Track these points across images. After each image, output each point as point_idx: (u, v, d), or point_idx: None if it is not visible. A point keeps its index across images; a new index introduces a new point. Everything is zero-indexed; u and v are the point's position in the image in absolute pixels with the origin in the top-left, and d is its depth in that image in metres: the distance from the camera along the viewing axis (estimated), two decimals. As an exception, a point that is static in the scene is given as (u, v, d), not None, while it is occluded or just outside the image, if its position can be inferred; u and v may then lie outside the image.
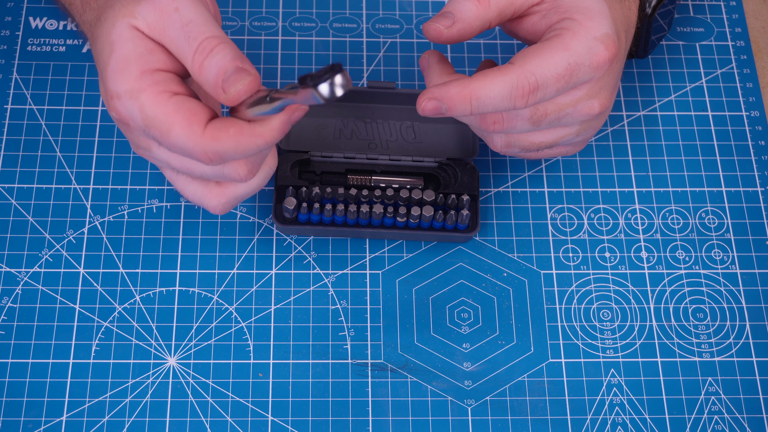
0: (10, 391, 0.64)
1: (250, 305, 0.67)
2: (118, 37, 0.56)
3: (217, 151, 0.55)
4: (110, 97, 0.56)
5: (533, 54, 0.59)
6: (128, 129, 0.58)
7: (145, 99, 0.55)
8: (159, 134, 0.55)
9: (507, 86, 0.58)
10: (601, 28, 0.60)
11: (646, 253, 0.69)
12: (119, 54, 0.56)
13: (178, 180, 0.61)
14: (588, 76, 0.60)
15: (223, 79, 0.54)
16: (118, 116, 0.57)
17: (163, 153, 0.58)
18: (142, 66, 0.56)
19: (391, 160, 0.69)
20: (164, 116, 0.55)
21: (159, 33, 0.56)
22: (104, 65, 0.57)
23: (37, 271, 0.67)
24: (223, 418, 0.63)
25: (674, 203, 0.71)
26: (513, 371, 0.65)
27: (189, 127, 0.55)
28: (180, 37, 0.55)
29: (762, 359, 0.66)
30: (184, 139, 0.55)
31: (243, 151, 0.55)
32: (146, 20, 0.56)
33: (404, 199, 0.67)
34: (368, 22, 0.78)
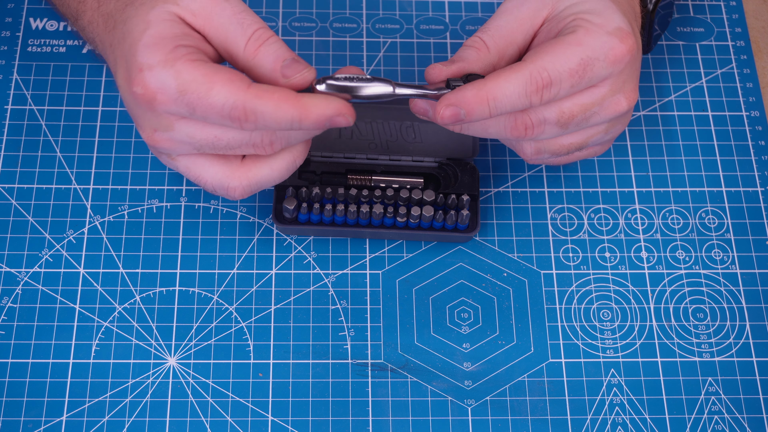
0: (10, 391, 0.64)
1: (250, 305, 0.67)
2: (156, 18, 0.56)
3: (257, 109, 0.55)
4: (138, 70, 0.55)
5: (545, 50, 0.59)
6: (152, 105, 0.56)
7: (181, 65, 0.55)
8: (197, 96, 0.55)
9: (521, 83, 0.58)
10: (613, 22, 0.60)
11: (646, 253, 0.69)
12: (154, 31, 0.56)
13: (197, 164, 0.60)
14: (606, 72, 0.59)
15: (282, 65, 0.56)
16: (143, 90, 0.56)
17: (188, 127, 0.57)
18: (177, 42, 0.56)
19: (391, 160, 0.69)
20: (203, 77, 0.55)
21: (203, 20, 0.57)
22: (134, 42, 0.56)
23: (37, 271, 0.67)
24: (223, 418, 0.63)
25: (674, 203, 0.71)
26: (513, 371, 0.65)
27: (231, 83, 0.55)
28: (232, 24, 0.57)
29: (762, 359, 0.66)
30: (226, 93, 0.54)
31: (281, 119, 0.55)
32: (189, 8, 0.57)
33: (404, 199, 0.67)
34: (368, 22, 0.78)
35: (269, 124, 0.56)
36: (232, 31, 0.57)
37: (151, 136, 0.58)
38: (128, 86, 0.57)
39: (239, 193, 0.60)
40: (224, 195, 0.61)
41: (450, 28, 0.78)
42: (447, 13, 0.79)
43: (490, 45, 0.62)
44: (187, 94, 0.55)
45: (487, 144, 0.73)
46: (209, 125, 0.57)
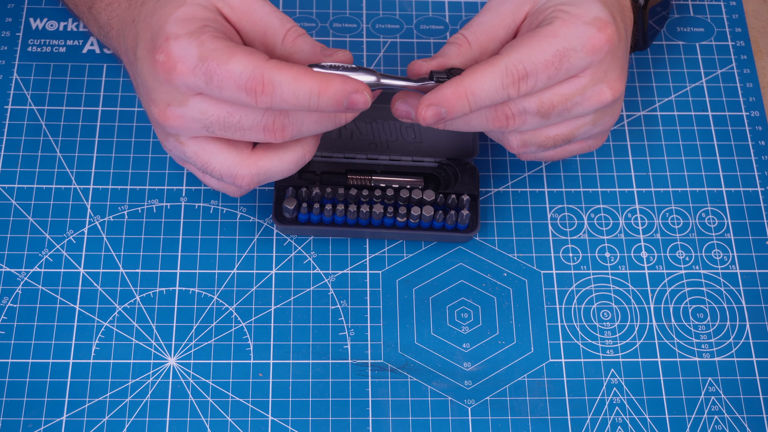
0: (10, 391, 0.64)
1: (250, 305, 0.67)
2: (193, 1, 0.58)
3: (275, 79, 0.55)
4: (165, 39, 0.56)
5: (521, 42, 0.59)
6: (171, 74, 0.56)
7: (207, 37, 0.56)
8: (216, 63, 0.55)
9: (497, 76, 0.58)
10: (591, 12, 0.60)
11: (646, 253, 0.69)
12: (188, 9, 0.57)
13: (206, 149, 0.60)
14: (584, 62, 0.59)
15: (320, 50, 0.59)
16: (166, 58, 0.56)
17: (201, 102, 0.57)
18: (207, 23, 0.57)
19: (391, 160, 0.69)
20: (225, 47, 0.56)
21: (241, 14, 0.59)
22: (165, 15, 0.57)
23: (37, 271, 0.67)
24: (223, 418, 0.63)
25: (674, 203, 0.71)
26: (513, 371, 0.65)
27: (252, 54, 0.56)
28: (271, 18, 0.59)
29: (762, 359, 0.66)
30: (245, 62, 0.55)
31: (299, 92, 0.55)
32: (229, 2, 0.59)
33: (404, 199, 0.67)
34: (368, 22, 0.78)
35: (287, 98, 0.56)
36: (272, 24, 0.59)
37: (164, 111, 0.58)
38: (150, 55, 0.57)
39: (247, 182, 0.60)
40: (231, 183, 0.61)
41: (450, 28, 0.78)
42: (447, 13, 0.79)
43: (471, 41, 0.62)
44: (207, 61, 0.55)
45: (488, 144, 0.73)
46: (222, 102, 0.57)
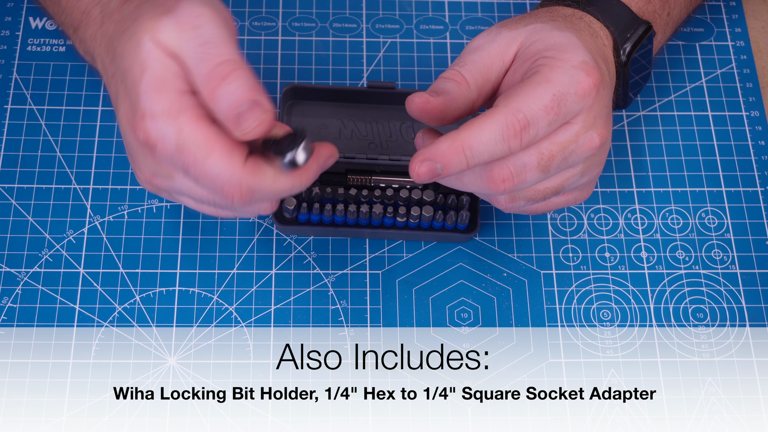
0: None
1: (250, 305, 0.67)
2: (149, 56, 0.54)
3: (253, 187, 0.54)
4: (141, 117, 0.53)
5: (516, 92, 0.57)
6: (152, 153, 0.54)
7: (185, 121, 0.53)
8: (193, 160, 0.53)
9: (497, 128, 0.55)
10: (577, 56, 0.58)
11: (646, 253, 0.69)
12: (154, 72, 0.53)
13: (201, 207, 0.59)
14: (578, 106, 0.57)
15: (237, 114, 0.52)
16: (145, 138, 0.54)
17: (188, 181, 0.56)
18: (180, 86, 0.54)
19: (390, 160, 0.69)
20: (204, 141, 0.53)
21: (177, 50, 0.54)
22: (134, 83, 0.54)
23: (37, 271, 0.67)
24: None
25: (674, 203, 0.71)
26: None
27: (230, 156, 0.53)
28: (196, 57, 0.53)
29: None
30: (222, 167, 0.53)
31: (277, 193, 0.55)
32: (168, 37, 0.54)
33: (404, 199, 0.67)
34: (368, 22, 0.78)
35: (266, 197, 0.55)
36: (195, 66, 0.53)
37: (151, 180, 0.57)
38: (131, 129, 0.55)
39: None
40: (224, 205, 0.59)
41: (450, 28, 0.78)
42: (447, 13, 0.79)
43: (469, 80, 0.59)
44: (184, 154, 0.53)
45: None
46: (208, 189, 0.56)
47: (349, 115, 0.72)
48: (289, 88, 0.71)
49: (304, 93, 0.72)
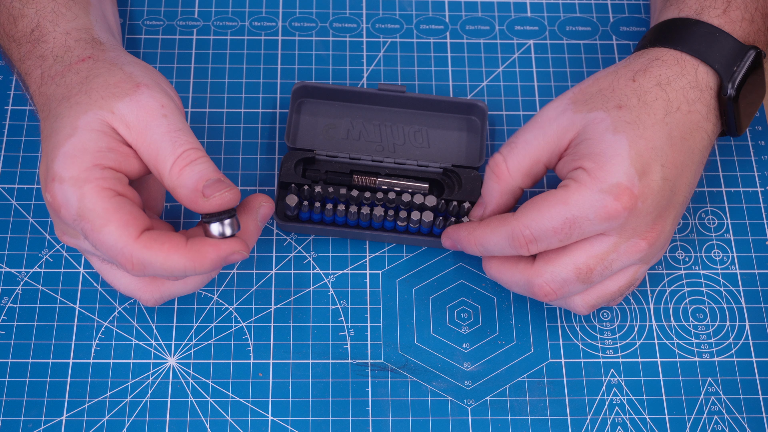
0: (10, 391, 0.64)
1: (250, 305, 0.67)
2: (85, 125, 0.56)
3: (144, 261, 0.55)
4: (51, 179, 0.56)
5: (532, 206, 0.59)
6: (57, 215, 0.57)
7: (89, 190, 0.55)
8: (90, 228, 0.55)
9: (505, 236, 0.60)
10: (612, 177, 0.58)
11: (646, 253, 0.69)
12: (78, 140, 0.56)
13: (110, 272, 0.61)
14: (600, 227, 0.58)
15: (204, 185, 0.56)
16: (52, 199, 0.56)
17: (89, 245, 0.58)
18: (96, 159, 0.56)
19: (396, 163, 0.69)
20: (103, 211, 0.55)
21: (137, 134, 0.57)
22: (57, 145, 0.56)
23: (37, 271, 0.67)
24: (223, 418, 0.63)
25: (674, 203, 0.71)
26: (513, 371, 0.65)
27: (125, 228, 0.55)
28: (164, 141, 0.56)
29: (762, 359, 0.66)
30: (115, 238, 0.55)
31: (170, 270, 0.56)
32: (125, 119, 0.57)
33: (406, 204, 0.67)
34: (368, 22, 0.78)
35: (160, 273, 0.57)
36: (163, 149, 0.56)
37: (61, 237, 0.60)
38: (43, 188, 0.58)
39: (152, 304, 0.62)
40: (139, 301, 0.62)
41: (450, 28, 0.78)
42: (447, 13, 0.79)
43: (511, 168, 0.62)
44: (83, 222, 0.56)
45: (487, 154, 0.73)
46: None
47: (358, 116, 0.72)
48: (299, 86, 0.71)
49: (314, 92, 0.71)
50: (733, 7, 0.64)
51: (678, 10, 0.65)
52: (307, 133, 0.71)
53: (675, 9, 0.66)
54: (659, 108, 0.60)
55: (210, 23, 0.77)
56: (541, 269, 0.60)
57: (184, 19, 0.77)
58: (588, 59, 0.77)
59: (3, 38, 0.65)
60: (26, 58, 0.62)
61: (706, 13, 0.64)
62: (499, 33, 0.78)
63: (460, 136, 0.71)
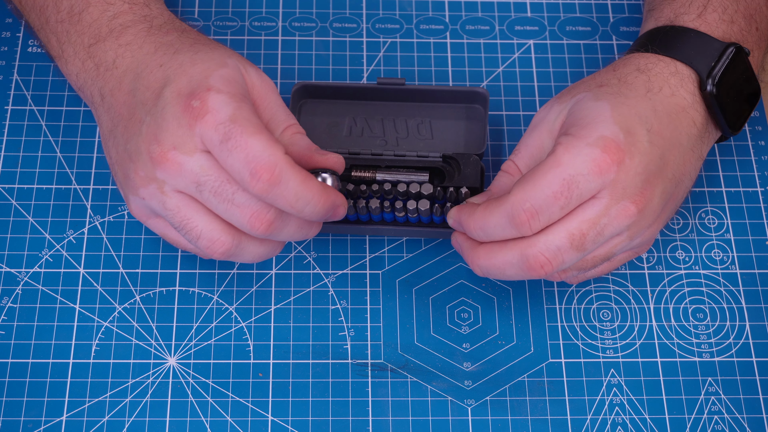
0: (10, 391, 0.64)
1: (250, 305, 0.67)
2: (234, 66, 0.60)
3: (284, 175, 0.56)
4: (207, 89, 0.57)
5: (527, 179, 0.58)
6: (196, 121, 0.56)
7: (246, 106, 0.57)
8: (241, 131, 0.56)
9: (504, 217, 0.58)
10: (595, 132, 0.58)
11: (646, 254, 0.69)
12: (230, 73, 0.59)
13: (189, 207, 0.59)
14: (594, 184, 0.57)
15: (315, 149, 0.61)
16: (201, 104, 0.56)
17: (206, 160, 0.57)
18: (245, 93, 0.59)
19: (395, 156, 0.69)
20: (257, 124, 0.57)
21: (258, 93, 0.61)
22: (208, 69, 0.58)
23: (37, 271, 0.67)
24: (223, 418, 0.63)
25: (674, 203, 0.71)
26: (513, 371, 0.65)
27: (275, 142, 0.56)
28: (281, 108, 0.62)
29: (762, 359, 0.66)
30: (265, 146, 0.56)
31: (298, 196, 0.56)
32: (252, 79, 0.61)
33: (402, 194, 0.66)
34: (368, 22, 0.78)
35: (287, 196, 0.56)
36: (279, 114, 0.62)
37: (166, 153, 0.57)
38: (183, 99, 0.57)
39: (219, 254, 0.59)
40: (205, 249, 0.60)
41: (450, 28, 0.78)
42: (447, 13, 0.79)
43: (520, 165, 0.63)
44: (235, 124, 0.56)
45: (488, 145, 0.73)
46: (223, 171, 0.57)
47: (360, 113, 0.72)
48: (299, 87, 0.71)
49: (314, 91, 0.71)
50: (710, 10, 0.65)
51: (654, 21, 0.67)
52: (311, 133, 0.71)
53: (652, 21, 0.67)
54: (640, 86, 0.62)
55: (210, 23, 0.77)
56: (534, 240, 0.59)
57: (184, 20, 0.77)
58: (588, 59, 0.77)
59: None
60: (121, 15, 0.64)
61: (680, 19, 0.65)
62: (499, 33, 0.78)
63: (463, 124, 0.71)
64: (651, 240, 0.63)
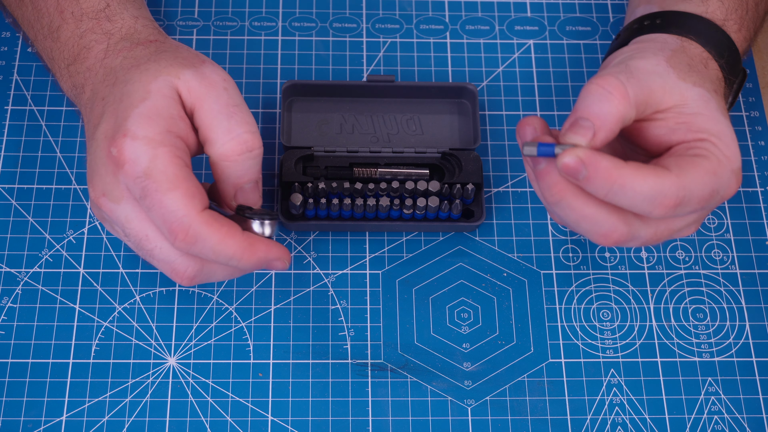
0: (10, 391, 0.64)
1: (250, 305, 0.67)
2: (158, 90, 0.57)
3: (199, 235, 0.55)
4: (122, 134, 0.56)
5: (690, 167, 0.55)
6: (117, 170, 0.56)
7: (162, 153, 0.55)
8: (155, 189, 0.55)
9: (657, 189, 0.54)
10: (737, 159, 0.57)
11: (646, 253, 0.69)
12: (152, 104, 0.56)
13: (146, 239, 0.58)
14: (716, 204, 0.57)
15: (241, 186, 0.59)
16: (118, 154, 0.55)
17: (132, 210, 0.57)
18: (169, 126, 0.57)
19: (394, 152, 0.69)
20: (173, 176, 0.55)
21: (196, 98, 0.58)
22: (130, 105, 0.56)
23: (37, 271, 0.67)
24: (223, 418, 0.63)
25: (674, 203, 0.71)
26: (513, 371, 0.65)
27: (191, 198, 0.55)
28: (221, 113, 0.57)
29: (762, 359, 0.66)
30: (179, 205, 0.55)
31: (218, 253, 0.56)
32: (188, 84, 0.58)
33: (410, 191, 0.67)
34: (368, 22, 0.78)
35: (206, 254, 0.56)
36: (218, 122, 0.57)
37: (98, 198, 0.58)
38: (106, 143, 0.57)
39: (186, 282, 0.59)
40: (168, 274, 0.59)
41: (450, 28, 0.78)
42: (447, 13, 0.79)
43: (631, 93, 0.55)
44: (149, 180, 0.55)
45: (487, 144, 0.73)
46: (148, 221, 0.57)
47: (350, 110, 0.72)
48: (288, 85, 0.71)
49: (303, 89, 0.72)
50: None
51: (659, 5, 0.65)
52: (302, 131, 0.71)
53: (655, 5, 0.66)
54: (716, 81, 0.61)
55: (210, 23, 0.77)
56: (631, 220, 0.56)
57: (184, 19, 0.77)
58: (588, 59, 0.77)
59: (53, 15, 0.65)
60: (87, 33, 0.63)
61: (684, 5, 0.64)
62: (499, 33, 0.78)
63: (452, 119, 0.72)
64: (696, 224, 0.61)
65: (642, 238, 0.57)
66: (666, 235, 0.58)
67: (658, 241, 0.58)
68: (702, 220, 0.60)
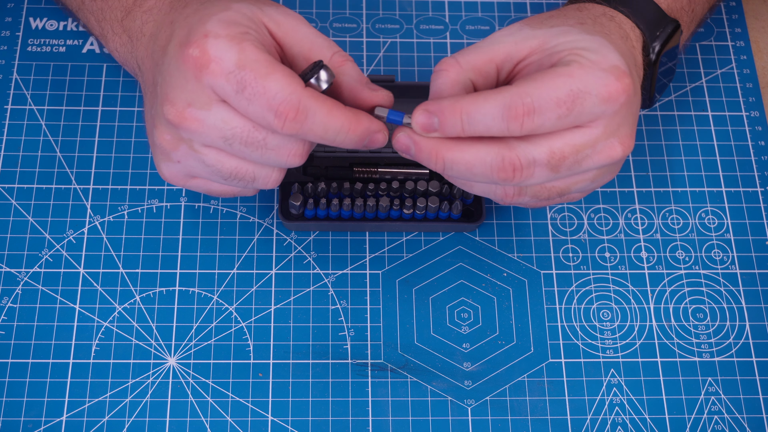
0: (10, 391, 0.64)
1: (250, 305, 0.67)
2: (238, 8, 0.56)
3: (309, 110, 0.53)
4: (203, 35, 0.54)
5: (533, 77, 0.55)
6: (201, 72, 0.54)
7: (248, 44, 0.54)
8: (254, 76, 0.53)
9: (499, 105, 0.54)
10: (609, 60, 0.56)
11: (646, 253, 0.69)
12: (232, 14, 0.56)
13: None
14: (598, 109, 0.55)
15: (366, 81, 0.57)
16: (200, 53, 0.54)
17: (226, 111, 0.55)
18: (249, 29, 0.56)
19: (394, 152, 0.69)
20: (266, 61, 0.54)
21: (286, 30, 0.57)
22: (208, 15, 0.55)
23: (37, 271, 0.67)
24: (223, 418, 0.63)
25: (674, 203, 0.71)
26: (513, 371, 0.65)
27: (291, 77, 0.54)
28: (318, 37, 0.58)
29: (762, 359, 0.66)
30: (283, 84, 0.53)
31: (327, 126, 0.54)
32: (273, 17, 0.57)
33: (410, 191, 0.67)
34: (368, 22, 0.78)
35: (316, 129, 0.54)
36: (319, 43, 0.58)
37: (182, 112, 0.55)
38: (182, 49, 0.55)
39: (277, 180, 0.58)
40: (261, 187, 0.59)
41: (450, 28, 0.78)
42: (447, 13, 0.79)
43: (462, 62, 0.58)
44: (245, 71, 0.53)
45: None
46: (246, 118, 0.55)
47: None
48: None
49: None
50: None
51: None
52: None
53: None
54: (615, 31, 0.61)
55: (210, 23, 0.77)
56: (514, 143, 0.56)
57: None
58: (588, 59, 0.77)
59: None
60: None
61: None
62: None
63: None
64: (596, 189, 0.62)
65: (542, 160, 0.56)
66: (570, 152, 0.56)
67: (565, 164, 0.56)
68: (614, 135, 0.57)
